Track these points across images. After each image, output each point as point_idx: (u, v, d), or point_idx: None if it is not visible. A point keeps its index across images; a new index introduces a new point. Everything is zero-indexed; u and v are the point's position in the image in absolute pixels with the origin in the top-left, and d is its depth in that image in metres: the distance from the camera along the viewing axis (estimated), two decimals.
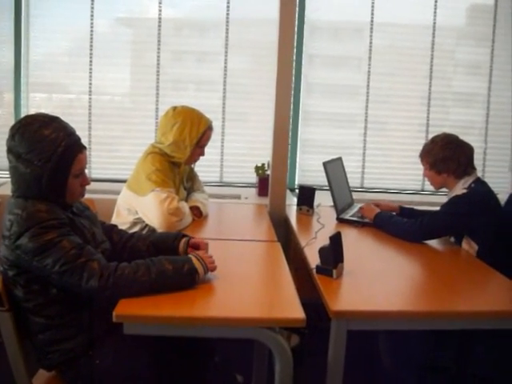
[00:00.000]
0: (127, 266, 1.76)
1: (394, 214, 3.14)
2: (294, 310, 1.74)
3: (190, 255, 1.91)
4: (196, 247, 2.10)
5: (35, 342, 1.85)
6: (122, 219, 2.75)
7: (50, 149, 1.75)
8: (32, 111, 4.04)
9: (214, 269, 1.94)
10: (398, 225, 2.79)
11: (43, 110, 3.93)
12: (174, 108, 2.83)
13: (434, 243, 2.71)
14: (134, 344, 1.81)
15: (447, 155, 2.73)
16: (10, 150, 1.79)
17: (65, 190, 1.83)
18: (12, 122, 3.92)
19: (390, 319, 1.86)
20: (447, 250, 2.71)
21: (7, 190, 1.87)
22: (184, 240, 2.12)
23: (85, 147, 1.89)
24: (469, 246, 2.65)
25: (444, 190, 2.89)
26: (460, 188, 2.71)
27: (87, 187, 1.95)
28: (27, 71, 4.12)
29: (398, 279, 2.21)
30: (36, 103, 4.21)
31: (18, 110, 4.13)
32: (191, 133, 2.76)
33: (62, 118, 1.88)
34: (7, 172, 1.85)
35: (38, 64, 4.14)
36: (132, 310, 1.67)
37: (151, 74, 4.18)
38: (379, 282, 2.13)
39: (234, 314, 1.72)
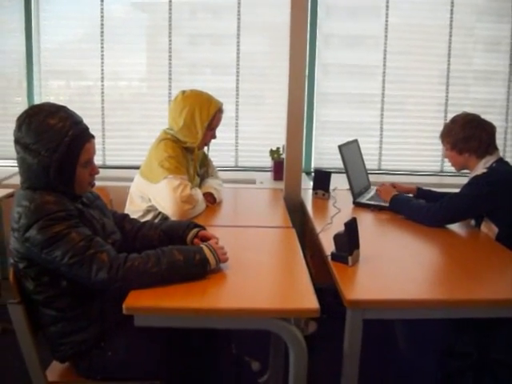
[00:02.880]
0: (137, 257, 1.74)
1: (412, 196, 3.09)
2: (307, 300, 1.70)
3: (201, 245, 1.89)
4: (205, 240, 2.05)
5: (47, 334, 1.84)
6: (135, 207, 2.73)
7: (56, 138, 1.73)
8: (45, 99, 4.04)
9: (225, 260, 1.91)
10: (416, 208, 2.72)
11: (56, 98, 3.95)
12: (183, 92, 2.79)
13: (452, 227, 2.64)
14: (147, 334, 1.79)
15: (468, 134, 2.66)
16: (17, 141, 1.77)
17: (73, 180, 1.81)
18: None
19: (406, 308, 1.82)
20: (466, 233, 2.65)
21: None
22: (193, 231, 2.09)
23: (93, 136, 1.86)
24: (488, 229, 2.58)
25: (465, 171, 2.82)
26: (481, 168, 2.64)
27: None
28: (39, 59, 4.11)
29: (414, 266, 2.16)
30: (49, 91, 4.21)
31: (32, 99, 4.13)
32: (201, 116, 2.72)
33: (75, 105, 1.86)
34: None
35: (51, 52, 4.13)
36: (142, 302, 1.65)
37: (165, 58, 4.15)
38: (396, 268, 2.08)
39: (246, 304, 1.69)
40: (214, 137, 2.86)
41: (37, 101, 4.10)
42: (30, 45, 4.06)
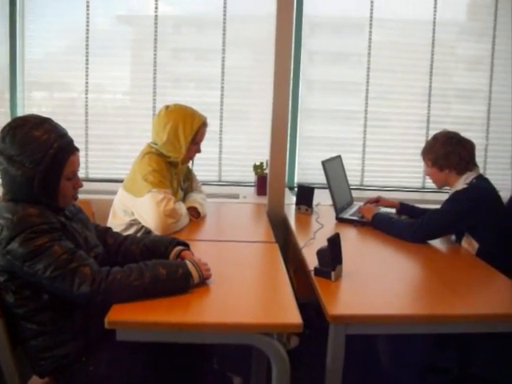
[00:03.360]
0: (120, 270, 1.73)
1: (394, 211, 3.12)
2: (290, 315, 1.70)
3: (185, 260, 1.89)
4: None
5: (27, 348, 1.82)
6: (118, 220, 2.72)
7: (41, 150, 1.72)
8: (28, 111, 4.00)
9: (208, 276, 1.90)
10: (397, 226, 2.76)
11: (39, 110, 3.91)
12: (167, 107, 2.79)
13: (433, 242, 2.67)
14: (129, 349, 1.78)
15: (448, 151, 2.71)
16: (0, 153, 1.75)
17: (57, 192, 1.80)
18: (8, 121, 3.89)
19: (389, 323, 1.83)
20: (447, 249, 2.67)
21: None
22: (176, 250, 2.07)
23: (77, 149, 1.86)
24: (469, 245, 2.62)
25: (446, 188, 2.86)
26: (461, 184, 2.68)
27: (85, 187, 1.92)
28: (23, 70, 4.08)
29: (397, 281, 2.18)
30: (32, 102, 4.17)
31: (15, 110, 4.10)
32: (185, 131, 2.72)
33: (59, 117, 1.85)
34: None
35: (35, 63, 4.10)
36: (125, 316, 1.64)
37: (149, 71, 4.14)
38: (378, 284, 2.10)
39: (229, 319, 1.69)
40: (198, 151, 2.87)
41: (20, 112, 4.06)
42: (13, 55, 4.03)
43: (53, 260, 1.66)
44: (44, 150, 1.73)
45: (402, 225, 2.76)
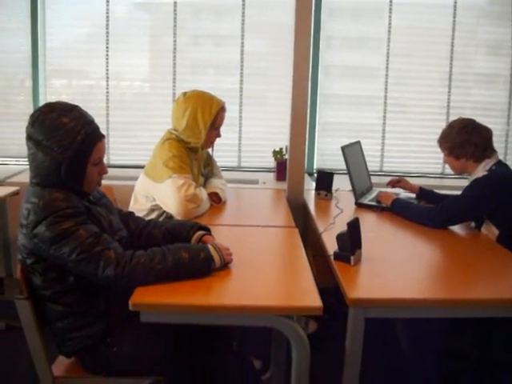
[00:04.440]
0: (143, 254, 1.77)
1: (414, 195, 3.12)
2: (310, 298, 1.72)
3: (207, 244, 1.91)
4: None
5: (54, 329, 1.86)
6: (139, 206, 2.75)
7: (69, 136, 1.76)
8: (50, 98, 4.06)
9: (230, 260, 1.93)
10: (417, 211, 2.77)
11: (62, 97, 3.97)
12: (185, 93, 2.81)
13: (453, 228, 2.67)
14: (152, 331, 1.82)
15: (464, 139, 2.69)
16: (29, 137, 1.79)
17: (83, 178, 1.83)
18: (31, 109, 3.95)
19: (407, 307, 1.84)
20: (467, 235, 2.67)
21: (27, 178, 1.87)
22: (197, 234, 2.10)
23: (103, 136, 1.90)
24: (488, 231, 2.61)
25: (466, 174, 2.85)
26: (481, 171, 2.67)
27: (107, 173, 1.96)
28: (44, 58, 4.13)
29: (416, 266, 2.19)
30: (54, 90, 4.23)
31: (37, 98, 4.16)
32: (204, 116, 2.75)
33: (80, 104, 1.88)
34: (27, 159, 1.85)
35: (56, 51, 4.15)
36: (148, 299, 1.68)
37: (169, 58, 4.17)
38: (397, 268, 2.11)
39: (250, 302, 1.71)
40: (218, 135, 2.89)
41: (42, 100, 4.12)
42: (35, 44, 4.08)
43: (78, 243, 1.69)
44: (72, 136, 1.76)
45: (422, 210, 2.75)
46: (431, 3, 4.19)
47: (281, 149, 3.97)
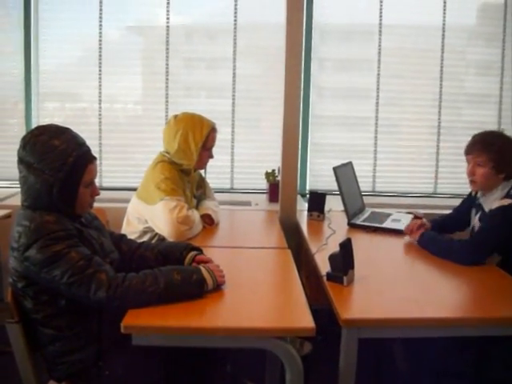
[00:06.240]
0: (135, 276, 1.76)
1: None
2: (304, 320, 1.72)
3: (199, 266, 1.91)
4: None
5: (45, 353, 1.85)
6: (131, 228, 2.75)
7: (60, 159, 1.76)
8: (43, 121, 4.06)
9: (222, 282, 1.93)
10: (445, 246, 2.51)
11: (54, 120, 3.99)
12: (175, 116, 2.84)
13: None
14: (144, 354, 1.81)
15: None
16: (21, 160, 1.80)
17: (75, 200, 1.83)
18: (23, 132, 3.95)
19: (401, 327, 1.84)
20: None
21: (19, 201, 1.86)
22: (191, 255, 2.10)
23: (95, 157, 1.90)
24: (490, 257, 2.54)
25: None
26: (499, 192, 2.53)
27: (99, 196, 1.96)
28: (37, 81, 4.15)
29: (409, 285, 2.18)
30: (47, 113, 4.24)
31: (29, 120, 4.16)
32: (195, 138, 2.76)
33: (73, 127, 1.89)
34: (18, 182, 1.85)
35: (49, 74, 4.16)
36: (140, 321, 1.66)
37: (161, 81, 4.19)
38: (391, 288, 2.10)
39: (243, 324, 1.71)
40: (211, 156, 2.90)
41: (34, 123, 4.12)
42: (28, 67, 4.10)
43: (70, 266, 1.69)
44: (63, 158, 1.77)
45: (450, 245, 2.50)
46: (420, 25, 4.24)
47: (273, 170, 3.98)
